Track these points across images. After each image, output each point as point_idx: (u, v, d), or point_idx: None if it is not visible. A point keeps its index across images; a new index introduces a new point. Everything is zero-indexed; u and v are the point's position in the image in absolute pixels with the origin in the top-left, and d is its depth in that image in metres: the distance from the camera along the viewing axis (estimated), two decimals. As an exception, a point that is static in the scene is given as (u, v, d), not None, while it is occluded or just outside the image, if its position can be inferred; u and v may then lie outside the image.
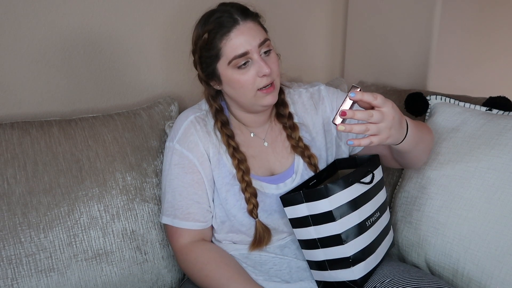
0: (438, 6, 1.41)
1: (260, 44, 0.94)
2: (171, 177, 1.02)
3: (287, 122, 1.06)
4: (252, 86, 0.95)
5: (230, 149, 1.01)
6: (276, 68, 0.97)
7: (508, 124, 1.05)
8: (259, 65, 0.94)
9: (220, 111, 1.04)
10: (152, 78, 1.35)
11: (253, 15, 0.97)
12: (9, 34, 1.10)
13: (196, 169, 1.01)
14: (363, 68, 1.69)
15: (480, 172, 1.03)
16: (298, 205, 0.93)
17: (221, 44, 0.94)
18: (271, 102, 0.98)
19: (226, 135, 1.02)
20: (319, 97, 1.11)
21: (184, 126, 1.03)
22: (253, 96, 0.97)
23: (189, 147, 1.01)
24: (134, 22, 1.28)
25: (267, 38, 0.96)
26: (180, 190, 1.01)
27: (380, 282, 0.97)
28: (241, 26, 0.93)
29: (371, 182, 0.96)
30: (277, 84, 0.99)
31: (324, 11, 1.70)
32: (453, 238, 1.04)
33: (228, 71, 0.95)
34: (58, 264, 0.99)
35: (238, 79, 0.95)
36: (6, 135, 1.02)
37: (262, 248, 1.03)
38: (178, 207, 1.01)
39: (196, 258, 1.00)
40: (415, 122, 0.95)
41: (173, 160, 1.02)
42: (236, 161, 1.00)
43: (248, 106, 1.00)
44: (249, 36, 0.93)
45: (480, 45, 1.66)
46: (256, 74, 0.94)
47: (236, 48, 0.93)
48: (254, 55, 0.94)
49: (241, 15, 0.94)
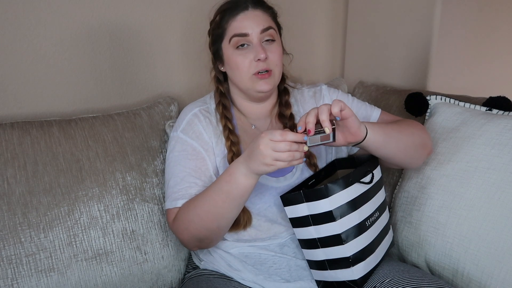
0: (438, 6, 1.41)
1: (262, 31, 0.99)
2: (174, 164, 1.03)
3: (287, 123, 1.08)
4: (248, 69, 0.99)
5: (225, 131, 1.04)
6: (275, 58, 1.01)
7: (508, 124, 1.05)
8: (256, 49, 0.98)
9: (224, 94, 1.08)
10: (152, 78, 1.35)
11: (265, 7, 1.03)
12: (9, 34, 1.10)
13: (202, 156, 1.03)
14: (363, 68, 1.69)
15: (480, 172, 1.03)
16: (298, 204, 0.93)
17: (227, 25, 1.00)
18: (265, 89, 1.00)
19: (224, 117, 1.05)
20: (320, 96, 1.14)
21: (188, 117, 1.06)
22: (248, 79, 1.00)
23: (194, 135, 1.04)
24: (134, 22, 1.28)
25: (271, 26, 1.01)
26: (182, 175, 1.01)
27: (380, 282, 0.97)
28: (249, 12, 1.00)
29: (371, 182, 0.96)
30: (276, 74, 1.02)
31: (324, 11, 1.70)
32: (453, 238, 1.04)
33: (229, 50, 1.01)
34: (58, 264, 0.99)
35: (236, 60, 1.00)
36: (6, 135, 1.02)
37: (239, 230, 1.02)
38: (179, 190, 1.00)
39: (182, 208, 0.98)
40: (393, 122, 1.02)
41: (177, 147, 1.04)
42: (229, 143, 1.03)
43: (245, 90, 1.03)
44: (253, 21, 0.99)
45: (480, 45, 1.66)
46: (253, 58, 0.98)
47: (238, 28, 0.99)
48: (254, 39, 0.99)
49: (253, 3, 1.01)
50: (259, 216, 1.04)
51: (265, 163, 0.82)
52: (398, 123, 1.04)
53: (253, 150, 0.84)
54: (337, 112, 0.84)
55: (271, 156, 0.81)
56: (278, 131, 0.82)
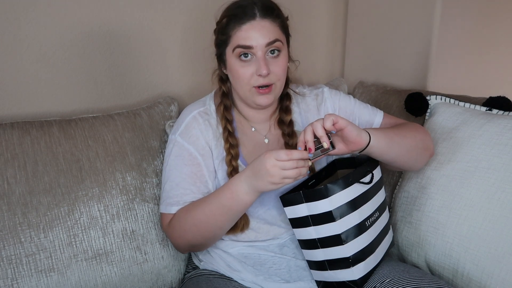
0: (438, 6, 1.41)
1: (268, 44, 0.95)
2: (170, 168, 1.03)
3: (286, 129, 1.07)
4: (248, 81, 0.97)
5: (225, 133, 1.03)
6: (279, 72, 0.98)
7: (508, 124, 1.05)
8: (258, 64, 0.95)
9: (226, 95, 1.07)
10: (152, 78, 1.35)
11: (274, 16, 0.97)
12: (9, 34, 1.10)
13: (197, 161, 1.02)
14: (363, 68, 1.69)
15: (480, 172, 1.03)
16: (298, 205, 0.93)
17: (232, 32, 0.96)
18: (264, 103, 0.99)
19: (225, 119, 1.04)
20: (322, 98, 1.13)
21: (186, 120, 1.05)
22: (248, 91, 0.99)
23: (191, 140, 1.03)
24: (134, 22, 1.28)
25: (278, 39, 0.97)
26: (177, 181, 1.02)
27: (380, 282, 0.97)
28: (256, 22, 0.95)
29: (371, 182, 0.96)
30: (276, 88, 1.00)
31: (324, 11, 1.70)
32: (453, 238, 1.04)
33: (232, 59, 0.98)
34: (58, 264, 0.99)
35: (237, 70, 0.98)
36: (6, 135, 1.02)
37: (236, 233, 1.03)
38: (174, 196, 1.01)
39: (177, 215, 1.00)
40: (395, 127, 1.02)
41: (173, 151, 1.04)
42: (227, 145, 1.02)
43: (244, 99, 1.03)
44: (259, 33, 0.95)
45: (480, 45, 1.66)
46: (254, 71, 0.96)
47: (242, 39, 0.95)
48: (258, 52, 0.95)
49: (261, 11, 0.95)
50: (258, 219, 1.04)
51: (272, 182, 0.85)
52: (400, 126, 1.05)
53: (258, 170, 0.86)
54: (330, 127, 0.86)
55: (280, 175, 0.84)
56: (283, 151, 0.84)
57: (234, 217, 0.95)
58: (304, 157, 0.86)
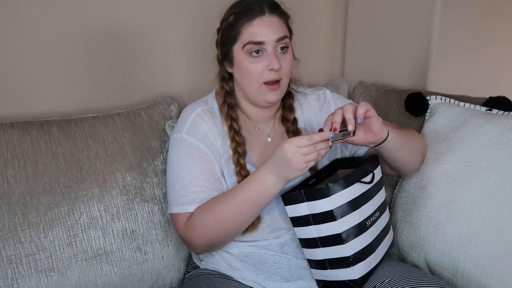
0: (438, 6, 1.41)
1: (278, 39, 0.96)
2: (180, 167, 1.00)
3: (290, 127, 1.07)
4: (259, 77, 0.98)
5: (231, 131, 1.02)
6: (287, 67, 1.00)
7: (508, 124, 1.05)
8: (270, 58, 0.96)
9: (230, 94, 1.06)
10: (152, 78, 1.35)
11: (281, 12, 1.00)
12: (9, 34, 1.10)
13: (209, 158, 1.00)
14: (363, 68, 1.69)
15: (480, 172, 1.04)
16: (299, 204, 0.93)
17: (242, 28, 0.97)
18: (274, 99, 1.00)
19: (230, 117, 1.03)
20: (324, 100, 1.13)
21: (191, 118, 1.03)
22: (258, 88, 0.99)
23: (199, 137, 1.01)
24: (134, 22, 1.28)
25: (286, 35, 0.99)
26: (190, 179, 0.99)
27: (380, 281, 0.97)
28: (265, 17, 0.96)
29: (372, 181, 0.96)
30: (284, 84, 1.01)
31: (324, 11, 1.70)
32: (453, 238, 1.04)
33: (241, 55, 0.98)
34: (58, 264, 0.99)
35: (248, 66, 0.97)
36: (6, 135, 1.02)
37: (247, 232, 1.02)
38: (188, 194, 0.98)
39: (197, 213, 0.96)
40: (400, 128, 1.07)
41: (181, 150, 1.01)
42: (234, 144, 1.01)
43: (252, 97, 1.02)
44: (269, 28, 0.96)
45: (480, 45, 1.66)
46: (265, 67, 0.97)
47: (254, 35, 0.96)
48: (269, 47, 0.96)
49: (269, 8, 0.97)
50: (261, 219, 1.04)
51: (298, 169, 0.87)
52: (405, 129, 1.09)
53: (281, 159, 0.87)
54: (363, 114, 0.89)
55: (303, 161, 0.86)
56: (305, 136, 0.87)
57: (259, 210, 0.95)
58: (324, 139, 0.88)
